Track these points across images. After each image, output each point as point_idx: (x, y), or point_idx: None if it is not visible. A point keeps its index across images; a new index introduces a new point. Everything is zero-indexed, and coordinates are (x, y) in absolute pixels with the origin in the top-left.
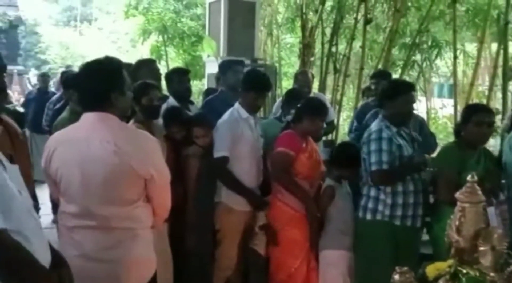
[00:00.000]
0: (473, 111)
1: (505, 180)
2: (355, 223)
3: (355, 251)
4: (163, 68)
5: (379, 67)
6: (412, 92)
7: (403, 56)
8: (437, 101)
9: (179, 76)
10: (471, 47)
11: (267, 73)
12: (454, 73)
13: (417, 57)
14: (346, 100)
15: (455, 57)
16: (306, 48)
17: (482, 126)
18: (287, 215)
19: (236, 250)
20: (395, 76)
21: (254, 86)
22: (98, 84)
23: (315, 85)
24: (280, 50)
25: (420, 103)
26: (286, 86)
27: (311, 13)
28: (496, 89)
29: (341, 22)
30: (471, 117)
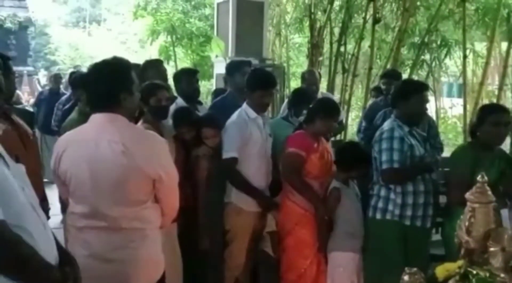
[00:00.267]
0: (489, 111)
1: None
2: (364, 223)
3: (365, 250)
4: (171, 69)
5: (388, 67)
6: (425, 92)
7: (412, 55)
8: (446, 101)
9: (187, 77)
10: (481, 47)
11: (273, 72)
12: (463, 72)
13: (426, 56)
14: (355, 100)
15: (464, 57)
16: (314, 48)
17: (498, 126)
18: (298, 215)
19: (245, 250)
20: (404, 76)
21: (259, 85)
22: (107, 85)
23: (324, 85)
24: (289, 50)
25: (429, 103)
26: (295, 86)
27: (320, 13)
28: (506, 88)
29: (349, 22)
30: (487, 118)
